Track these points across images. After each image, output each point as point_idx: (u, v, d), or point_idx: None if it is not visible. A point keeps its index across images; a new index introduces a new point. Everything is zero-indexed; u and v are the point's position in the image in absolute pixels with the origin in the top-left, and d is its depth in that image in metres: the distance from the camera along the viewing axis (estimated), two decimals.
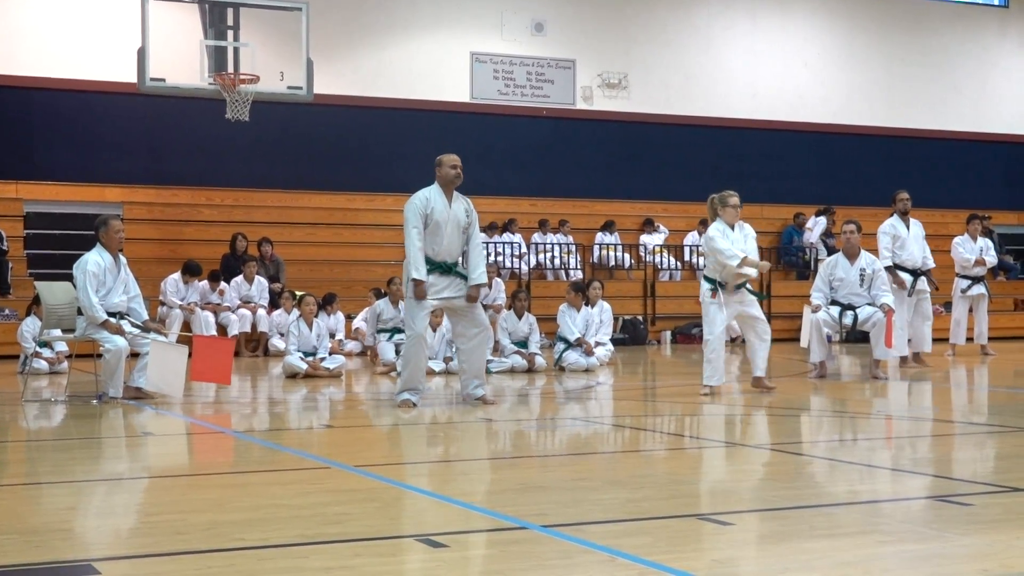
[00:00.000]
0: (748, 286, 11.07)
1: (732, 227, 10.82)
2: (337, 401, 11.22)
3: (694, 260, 22.73)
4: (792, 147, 25.22)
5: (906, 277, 14.33)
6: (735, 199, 10.89)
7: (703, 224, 23.04)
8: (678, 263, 22.62)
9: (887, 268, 14.33)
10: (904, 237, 14.37)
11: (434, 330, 13.51)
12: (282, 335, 16.31)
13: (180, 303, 17.73)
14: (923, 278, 14.49)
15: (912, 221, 14.58)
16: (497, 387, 11.48)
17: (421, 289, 9.63)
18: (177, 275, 17.99)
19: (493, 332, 12.13)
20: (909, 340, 14.52)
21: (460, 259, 10.00)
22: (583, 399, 11.10)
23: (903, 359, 14.33)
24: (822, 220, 23.65)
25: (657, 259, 22.16)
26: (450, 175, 9.88)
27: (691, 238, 23.10)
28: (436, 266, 9.75)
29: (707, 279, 10.92)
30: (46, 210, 20.10)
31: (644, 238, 22.64)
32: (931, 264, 14.85)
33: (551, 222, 22.00)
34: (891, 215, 14.64)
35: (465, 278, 9.91)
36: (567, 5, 23.83)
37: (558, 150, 23.44)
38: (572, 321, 14.47)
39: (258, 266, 18.76)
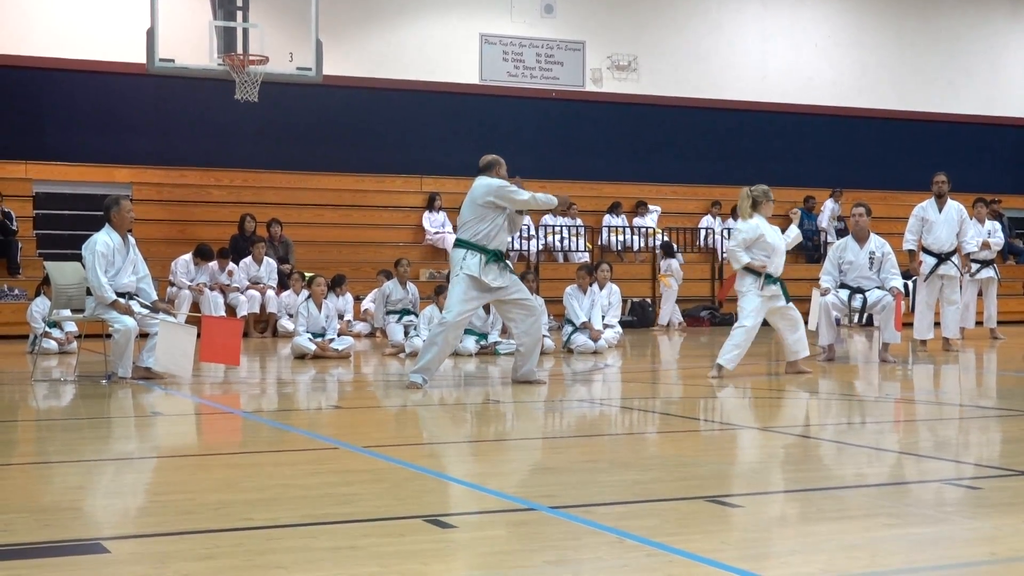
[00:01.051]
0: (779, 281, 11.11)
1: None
2: (346, 382, 11.23)
3: (708, 242, 22.71)
4: (802, 130, 25.16)
5: (930, 261, 14.21)
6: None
7: (716, 206, 23.02)
8: (676, 246, 22.50)
9: (909, 251, 14.27)
10: (933, 220, 14.22)
11: (440, 310, 13.49)
12: (291, 316, 16.33)
13: (189, 284, 17.76)
14: (949, 262, 14.31)
15: (950, 204, 14.27)
16: (505, 369, 11.48)
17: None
18: (188, 256, 18.01)
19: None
20: (937, 324, 14.47)
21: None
22: (591, 381, 11.11)
23: (923, 342, 14.27)
24: (829, 203, 23.64)
25: (653, 241, 22.05)
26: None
27: (706, 221, 23.06)
28: (492, 254, 9.74)
29: (749, 271, 10.83)
30: (55, 190, 20.12)
31: (637, 220, 22.59)
32: (969, 248, 14.67)
33: None
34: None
35: (509, 269, 9.94)
36: None
37: (567, 132, 23.41)
38: (579, 304, 14.44)
39: (267, 247, 18.77)
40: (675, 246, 21.29)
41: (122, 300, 10.32)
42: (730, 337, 10.77)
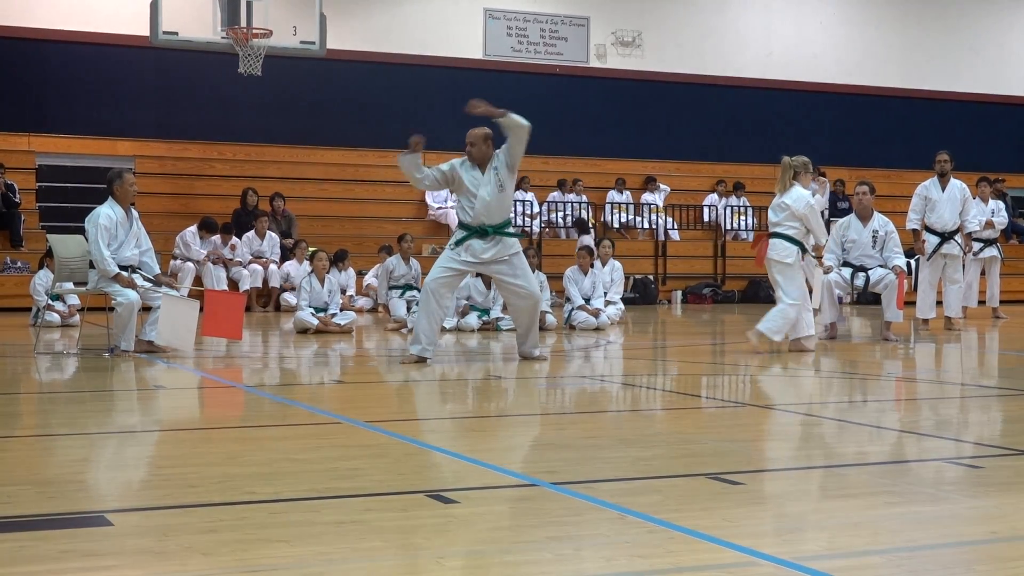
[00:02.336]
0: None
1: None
2: (348, 357, 11.25)
3: (712, 219, 22.69)
4: (806, 107, 25.10)
5: (932, 240, 14.20)
6: None
7: (721, 184, 23.00)
8: (675, 223, 22.48)
9: (912, 230, 14.26)
10: (936, 199, 14.20)
11: None
12: (293, 290, 16.34)
13: (197, 259, 17.79)
14: (951, 241, 14.29)
15: (953, 183, 14.26)
16: (507, 345, 11.49)
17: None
18: (194, 229, 18.03)
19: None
20: (939, 303, 14.47)
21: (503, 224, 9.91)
22: (593, 358, 11.11)
23: (925, 321, 14.27)
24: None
25: (656, 217, 22.02)
26: (480, 152, 9.91)
27: (711, 199, 23.04)
28: (474, 231, 9.68)
29: (792, 241, 10.79)
30: (58, 163, 20.11)
31: (647, 196, 22.57)
32: (972, 227, 14.67)
33: (567, 181, 21.96)
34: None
35: (504, 244, 9.82)
36: None
37: (571, 108, 23.35)
38: (577, 288, 14.39)
39: (269, 221, 18.76)
40: (590, 223, 21.22)
41: (125, 273, 10.32)
42: (797, 311, 10.80)
